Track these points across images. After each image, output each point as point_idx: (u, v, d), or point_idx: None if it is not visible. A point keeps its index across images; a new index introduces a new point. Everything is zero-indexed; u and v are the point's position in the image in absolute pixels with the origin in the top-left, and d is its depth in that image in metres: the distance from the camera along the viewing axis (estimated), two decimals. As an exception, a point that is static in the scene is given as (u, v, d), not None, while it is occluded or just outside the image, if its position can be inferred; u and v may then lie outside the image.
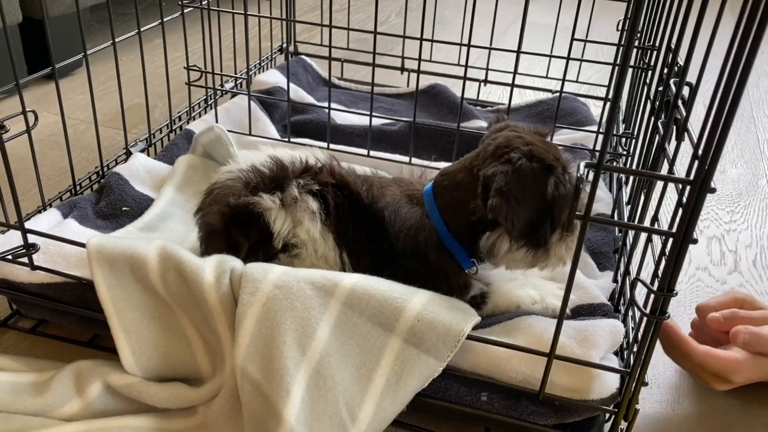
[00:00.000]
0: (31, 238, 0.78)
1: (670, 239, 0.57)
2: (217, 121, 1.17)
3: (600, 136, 1.15)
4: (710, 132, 0.51)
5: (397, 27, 2.09)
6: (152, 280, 0.71)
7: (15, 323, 0.85)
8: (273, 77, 1.39)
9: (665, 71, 0.80)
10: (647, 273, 0.68)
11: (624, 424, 0.68)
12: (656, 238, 0.70)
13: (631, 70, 1.19)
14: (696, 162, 0.53)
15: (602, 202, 1.03)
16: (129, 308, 0.72)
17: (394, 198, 0.79)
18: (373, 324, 0.67)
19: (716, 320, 0.80)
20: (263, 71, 1.48)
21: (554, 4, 1.36)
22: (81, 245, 0.75)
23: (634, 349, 0.66)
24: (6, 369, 0.74)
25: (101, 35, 1.83)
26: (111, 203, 0.97)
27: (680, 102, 0.68)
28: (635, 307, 0.71)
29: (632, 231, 0.83)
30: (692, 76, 0.67)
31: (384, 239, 0.77)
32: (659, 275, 0.60)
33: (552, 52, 1.23)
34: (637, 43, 1.08)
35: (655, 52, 0.97)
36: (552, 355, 0.65)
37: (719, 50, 0.54)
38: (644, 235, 0.70)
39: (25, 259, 0.77)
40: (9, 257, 0.78)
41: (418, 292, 0.69)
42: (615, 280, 0.87)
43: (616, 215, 0.99)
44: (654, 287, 0.60)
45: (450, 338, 0.66)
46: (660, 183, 0.72)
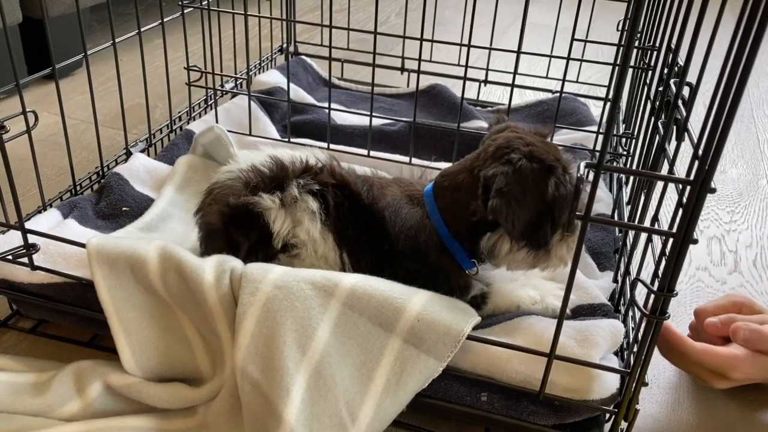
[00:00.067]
0: (31, 239, 0.78)
1: (670, 239, 0.57)
2: (217, 122, 1.17)
3: (600, 137, 1.15)
4: (710, 132, 0.51)
5: (397, 27, 2.09)
6: (152, 281, 0.71)
7: (15, 323, 0.85)
8: (273, 77, 1.39)
9: (665, 71, 0.80)
10: (647, 273, 0.68)
11: (624, 425, 0.68)
12: (656, 239, 0.70)
13: (632, 71, 1.19)
14: (696, 162, 0.53)
15: (602, 203, 1.03)
16: (129, 308, 0.72)
17: (395, 198, 0.79)
18: (374, 324, 0.67)
19: (713, 325, 0.80)
20: (263, 71, 1.48)
21: (554, 4, 1.36)
22: (81, 245, 0.75)
23: (635, 350, 0.66)
24: (6, 369, 0.74)
25: (101, 35, 1.83)
26: (111, 203, 0.97)
27: (680, 102, 0.68)
28: (635, 308, 0.71)
29: (632, 231, 0.83)
30: (692, 77, 0.67)
31: (384, 239, 0.77)
32: (659, 275, 0.60)
33: (552, 53, 1.23)
34: (637, 44, 1.08)
35: (655, 53, 0.97)
36: (552, 356, 0.65)
37: (719, 50, 0.54)
38: (644, 236, 0.70)
39: (25, 260, 0.77)
40: (9, 257, 0.78)
41: (418, 293, 0.69)
42: (615, 281, 0.87)
43: (617, 215, 0.99)
44: (654, 287, 0.60)
45: (450, 338, 0.66)
46: (660, 183, 0.72)
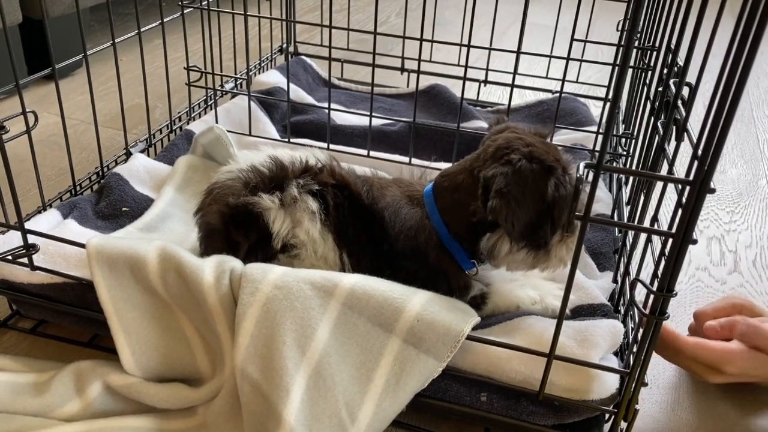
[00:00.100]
0: (31, 239, 0.78)
1: (670, 239, 0.57)
2: (217, 122, 1.17)
3: (600, 137, 1.15)
4: (710, 132, 0.51)
5: (397, 27, 2.09)
6: (152, 281, 0.71)
7: (15, 324, 0.85)
8: (273, 78, 1.39)
9: (665, 71, 0.80)
10: (647, 273, 0.68)
11: (624, 425, 0.68)
12: (656, 239, 0.70)
13: (631, 71, 1.19)
14: (695, 162, 0.54)
15: (602, 203, 1.03)
16: (129, 308, 0.72)
17: (395, 199, 0.79)
18: (373, 324, 0.67)
19: (713, 329, 0.80)
20: (263, 72, 1.48)
21: (554, 5, 1.36)
22: (81, 246, 0.76)
23: (634, 350, 0.66)
24: (6, 369, 0.74)
25: (101, 35, 1.83)
26: (111, 204, 0.97)
27: (680, 102, 0.68)
28: (635, 308, 0.71)
29: (632, 231, 0.83)
30: (692, 77, 0.67)
31: (384, 240, 0.77)
32: (659, 275, 0.60)
33: (552, 53, 1.23)
34: (637, 44, 1.08)
35: (655, 53, 0.97)
36: (552, 356, 0.65)
37: (719, 50, 0.54)
38: (644, 236, 0.70)
39: (25, 260, 0.77)
40: (9, 258, 0.78)
41: (418, 293, 0.69)
42: (615, 281, 0.87)
43: (616, 215, 0.99)
44: (654, 288, 0.60)
45: (449, 338, 0.66)
46: (660, 183, 0.72)
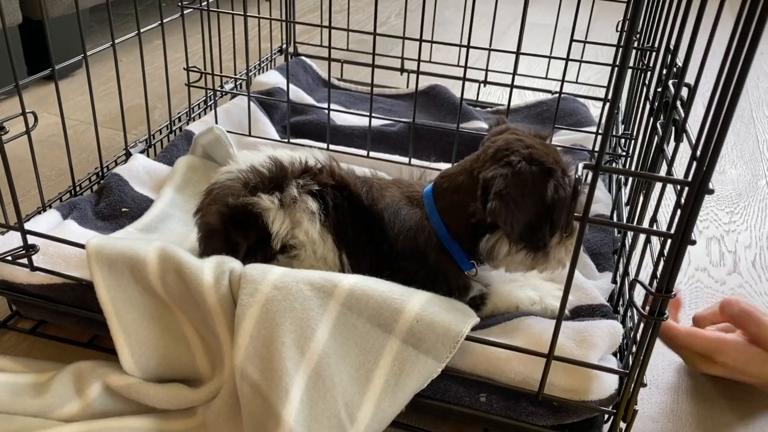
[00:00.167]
0: (31, 239, 0.78)
1: (669, 240, 0.57)
2: (217, 122, 1.17)
3: (599, 137, 1.15)
4: (709, 133, 0.51)
5: (397, 28, 2.09)
6: (152, 281, 0.71)
7: (15, 324, 0.85)
8: (273, 78, 1.39)
9: (664, 72, 0.80)
10: (646, 274, 0.68)
11: (623, 425, 0.68)
12: (655, 239, 0.70)
13: (630, 71, 1.19)
14: (694, 163, 0.54)
15: (601, 203, 1.03)
16: (128, 309, 0.72)
17: (394, 199, 0.79)
18: (372, 325, 0.67)
19: (707, 316, 0.81)
20: (263, 72, 1.48)
21: (554, 5, 1.36)
22: (80, 246, 0.76)
23: (633, 350, 0.66)
24: (6, 370, 0.74)
25: (101, 36, 1.83)
26: (111, 204, 0.97)
27: (679, 103, 0.68)
28: (634, 308, 0.71)
29: (631, 232, 0.83)
30: (691, 77, 0.67)
31: (384, 240, 0.77)
32: (658, 276, 0.60)
33: (551, 53, 1.23)
34: (636, 44, 1.08)
35: (654, 53, 0.97)
36: (551, 356, 0.65)
37: (718, 50, 0.54)
38: (643, 236, 0.70)
39: (25, 260, 0.77)
40: (9, 258, 0.78)
41: (417, 293, 0.69)
42: (614, 281, 0.87)
43: (615, 216, 0.99)
44: (652, 288, 0.60)
45: (449, 339, 0.66)
46: (659, 184, 0.72)
